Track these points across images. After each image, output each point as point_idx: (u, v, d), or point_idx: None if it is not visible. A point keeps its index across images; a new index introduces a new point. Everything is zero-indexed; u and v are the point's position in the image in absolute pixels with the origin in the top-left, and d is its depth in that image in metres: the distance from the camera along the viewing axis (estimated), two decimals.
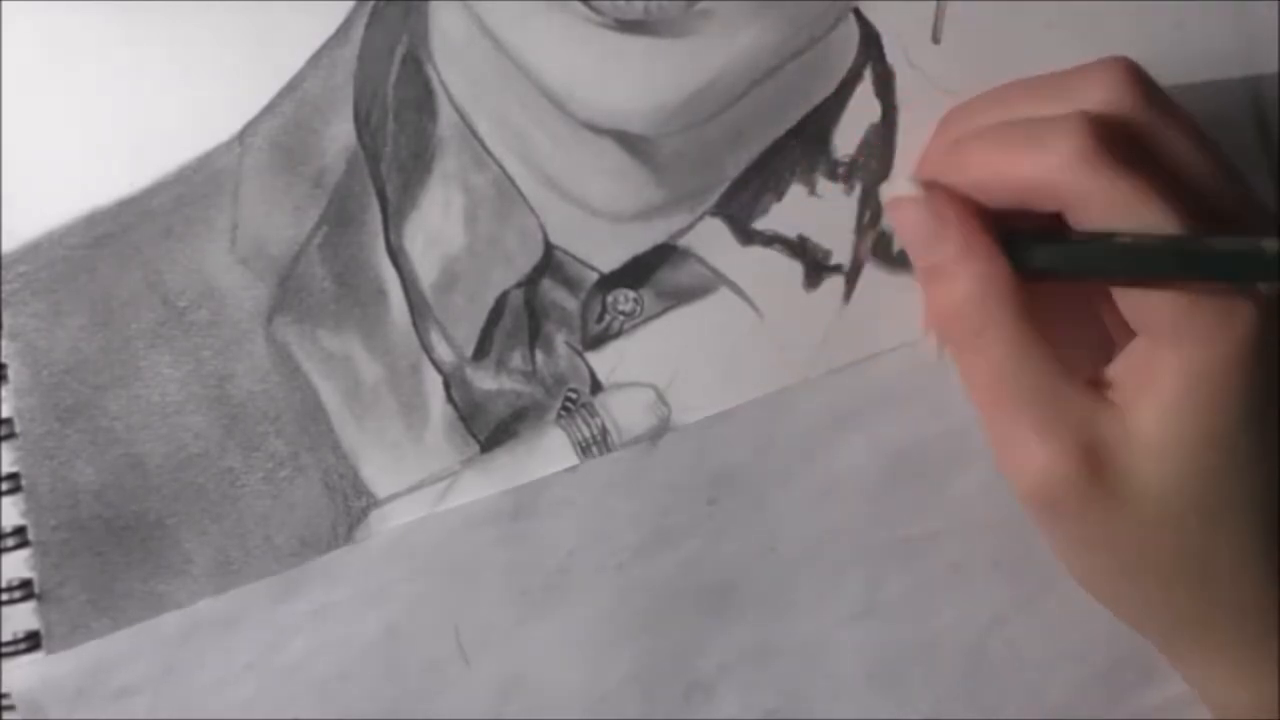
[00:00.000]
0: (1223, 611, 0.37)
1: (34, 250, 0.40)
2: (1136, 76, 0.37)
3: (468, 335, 0.43)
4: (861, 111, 0.44)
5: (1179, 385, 0.35)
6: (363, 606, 0.42)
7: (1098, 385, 0.37)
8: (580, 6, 0.41)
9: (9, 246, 0.40)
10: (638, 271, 0.43)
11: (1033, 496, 0.37)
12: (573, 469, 0.43)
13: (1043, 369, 0.36)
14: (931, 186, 0.38)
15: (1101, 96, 0.37)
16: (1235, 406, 0.35)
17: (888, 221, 0.42)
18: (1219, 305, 0.35)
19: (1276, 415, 0.36)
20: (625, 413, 0.43)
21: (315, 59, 0.42)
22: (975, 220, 0.37)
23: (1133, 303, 0.36)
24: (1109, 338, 0.40)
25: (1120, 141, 0.36)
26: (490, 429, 0.43)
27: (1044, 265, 0.37)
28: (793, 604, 0.43)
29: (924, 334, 0.42)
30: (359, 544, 0.42)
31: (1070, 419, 0.36)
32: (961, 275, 0.37)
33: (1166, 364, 0.35)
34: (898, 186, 0.39)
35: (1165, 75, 0.39)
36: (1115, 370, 0.37)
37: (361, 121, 0.42)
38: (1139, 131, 0.37)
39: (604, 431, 0.43)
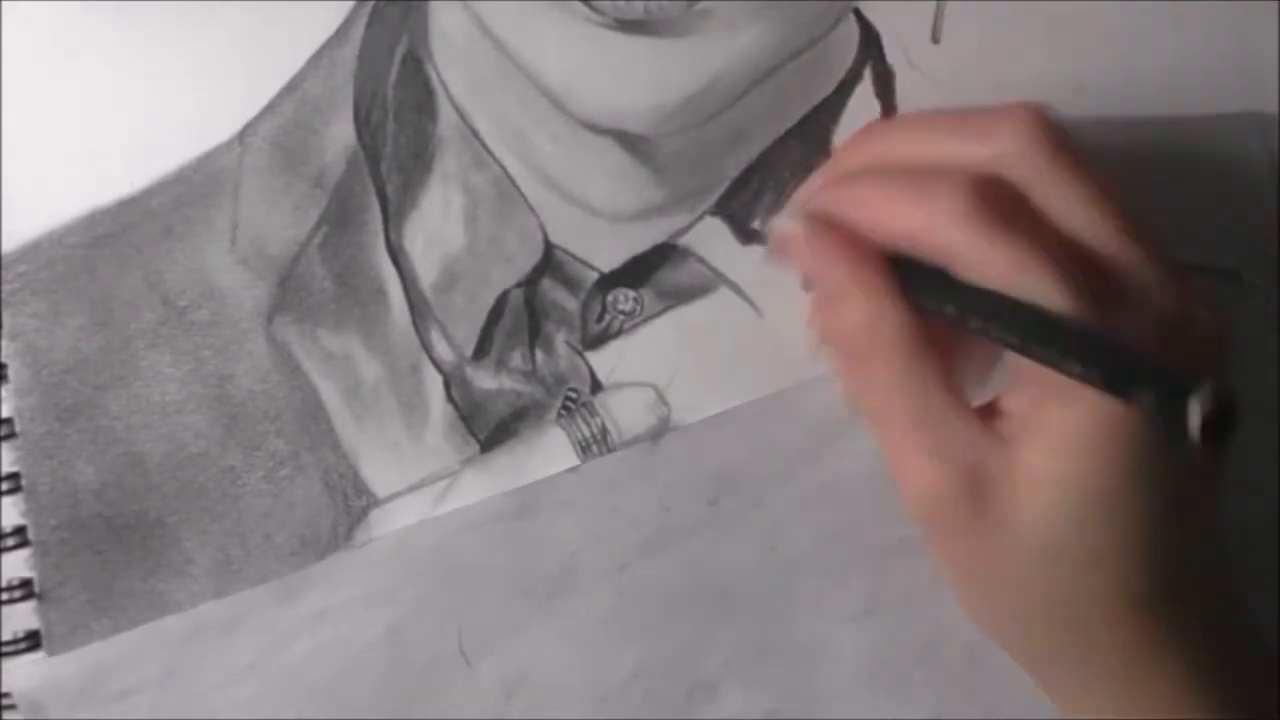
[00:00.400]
0: (1092, 650, 0.37)
1: (34, 250, 0.41)
2: (1043, 125, 0.36)
3: (468, 335, 0.43)
4: (861, 111, 0.44)
5: (1066, 434, 0.35)
6: (364, 608, 0.42)
7: (989, 414, 0.37)
8: (580, 6, 0.41)
9: (9, 246, 0.40)
10: (638, 271, 0.43)
11: (917, 510, 0.37)
12: (574, 470, 0.43)
13: (930, 393, 0.36)
14: (815, 223, 0.38)
15: (1006, 144, 0.36)
16: (1120, 462, 0.35)
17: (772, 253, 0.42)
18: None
19: (1161, 475, 0.36)
20: (625, 412, 0.43)
21: (315, 59, 0.42)
22: (859, 254, 0.37)
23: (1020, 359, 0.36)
24: (997, 355, 0.39)
25: (1004, 203, 0.35)
26: (490, 428, 0.43)
27: (932, 303, 0.37)
28: (794, 604, 0.43)
29: (808, 332, 0.41)
30: (361, 546, 0.42)
31: (955, 441, 0.36)
32: (849, 305, 0.37)
33: (1055, 412, 0.35)
34: (782, 222, 0.39)
35: (1166, 73, 0.39)
36: (1005, 404, 0.37)
37: (361, 121, 0.42)
38: (1030, 191, 0.36)
39: (604, 431, 0.43)
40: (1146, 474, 0.35)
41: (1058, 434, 0.35)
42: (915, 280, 0.37)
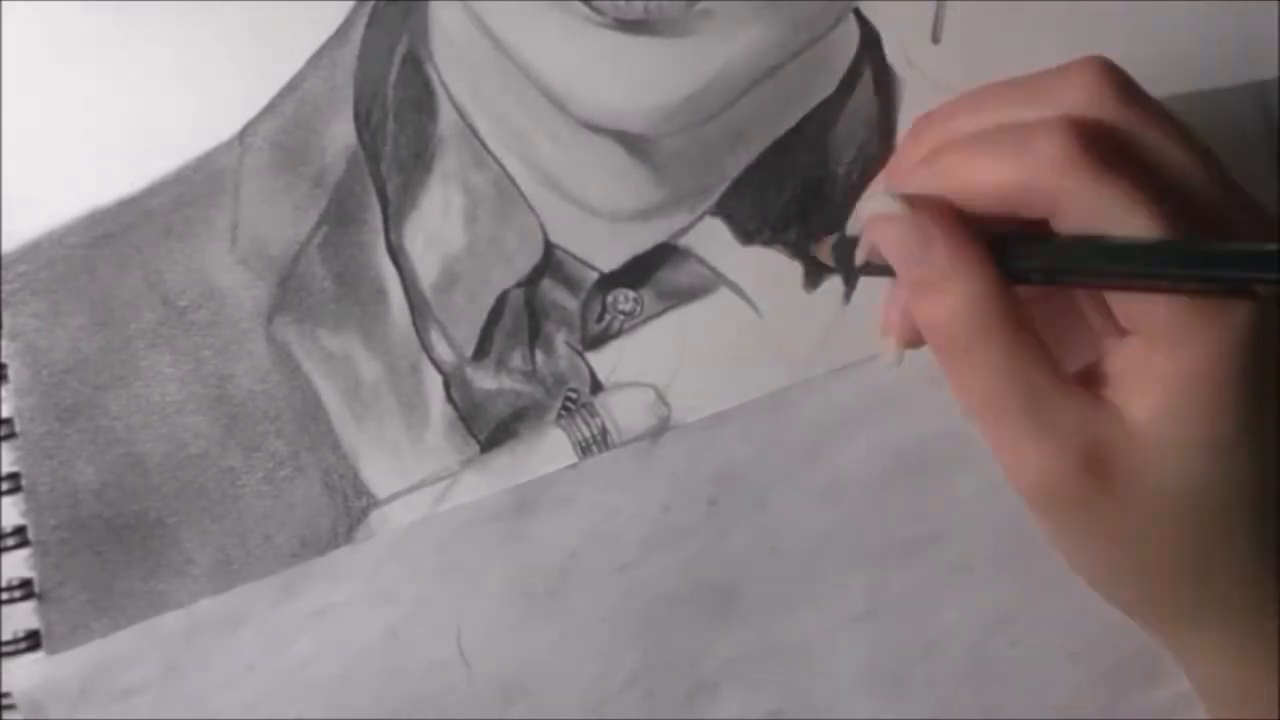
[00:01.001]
0: (1220, 605, 0.37)
1: (34, 250, 0.41)
2: (1114, 75, 0.36)
3: (468, 335, 0.43)
4: (861, 111, 0.44)
5: (1178, 387, 0.35)
6: (365, 607, 0.42)
7: (1092, 382, 0.36)
8: (580, 6, 0.41)
9: (9, 246, 0.40)
10: (638, 271, 0.43)
11: (1035, 498, 0.36)
12: (574, 467, 0.43)
13: (1038, 375, 0.36)
14: (914, 200, 0.36)
15: (1079, 97, 0.36)
16: (1234, 408, 0.35)
17: (861, 232, 0.40)
18: (1216, 306, 0.34)
19: (1275, 417, 0.36)
20: (625, 412, 0.43)
21: (315, 59, 0.42)
22: (962, 232, 0.36)
23: (1126, 304, 0.36)
24: (1093, 331, 0.39)
25: (1104, 144, 0.35)
26: (490, 429, 0.43)
27: (1035, 269, 0.36)
28: (795, 604, 0.43)
29: (883, 340, 0.40)
30: (361, 544, 0.42)
31: (1068, 422, 0.36)
32: (951, 289, 0.36)
33: (1164, 364, 0.35)
34: (876, 203, 0.37)
35: (1165, 74, 0.39)
36: (1111, 366, 0.36)
37: (361, 121, 0.42)
38: (1121, 132, 0.36)
39: (604, 431, 0.43)
40: (1259, 417, 0.35)
41: (1166, 389, 0.35)
42: (1015, 252, 0.36)
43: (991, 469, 0.38)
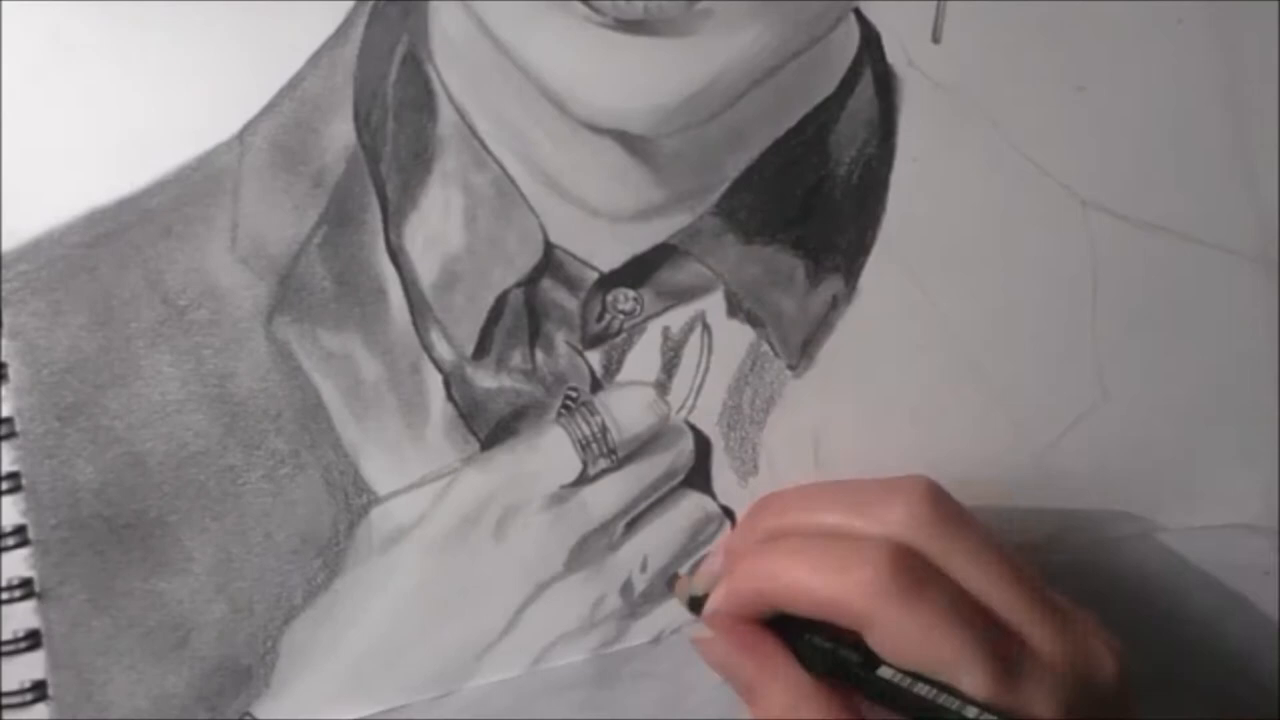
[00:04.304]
0: None
1: (34, 249, 0.40)
2: (936, 497, 0.40)
3: (468, 334, 0.43)
4: (861, 111, 0.44)
5: None
6: None
7: None
8: (580, 6, 0.40)
9: (9, 245, 0.40)
10: (638, 271, 0.43)
11: None
12: (655, 641, 0.43)
13: None
14: (720, 624, 0.40)
15: (900, 516, 0.39)
16: None
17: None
18: None
19: None
20: (625, 411, 0.43)
21: (315, 59, 0.42)
22: (766, 644, 0.40)
23: None
24: None
25: (916, 570, 0.38)
26: (490, 427, 0.43)
27: (848, 683, 0.39)
28: None
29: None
30: (434, 702, 0.42)
31: None
32: (768, 694, 0.39)
33: None
34: (695, 629, 0.41)
35: (1165, 76, 0.39)
36: None
37: (361, 121, 0.42)
38: (935, 555, 0.39)
39: (604, 430, 0.43)
40: None
41: None
42: (813, 653, 0.40)
43: None
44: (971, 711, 0.37)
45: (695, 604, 0.42)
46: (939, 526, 0.39)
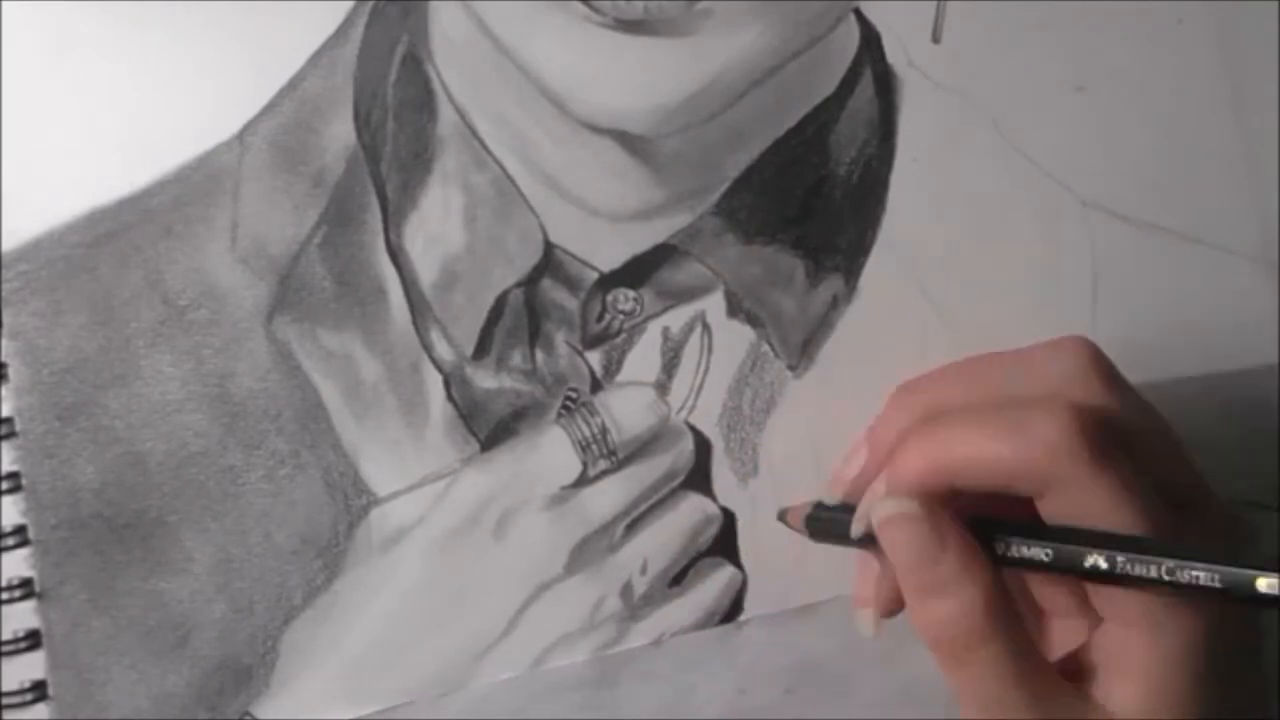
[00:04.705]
0: None
1: (34, 248, 0.41)
2: (1101, 358, 0.37)
3: (468, 334, 0.43)
4: (861, 111, 0.44)
5: (1156, 676, 0.35)
6: None
7: (1075, 675, 0.37)
8: (580, 6, 0.41)
9: (9, 245, 0.40)
10: (638, 271, 0.43)
11: None
12: (657, 643, 0.43)
13: (1036, 678, 0.36)
14: (928, 504, 0.36)
15: (1069, 376, 0.37)
16: (1208, 694, 0.35)
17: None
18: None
19: (1244, 698, 0.36)
20: (625, 412, 0.43)
21: (315, 59, 0.42)
22: (969, 536, 0.36)
23: (1104, 593, 0.36)
24: (1060, 614, 0.40)
25: (1099, 432, 0.35)
26: (490, 428, 0.43)
27: (1027, 563, 0.37)
28: None
29: (861, 612, 0.40)
30: (435, 703, 0.42)
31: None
32: (954, 594, 0.36)
33: (1141, 654, 0.35)
34: (891, 505, 0.37)
35: (1165, 76, 0.39)
36: (1091, 657, 0.37)
37: (361, 121, 0.42)
38: (1113, 420, 0.36)
39: (604, 430, 0.43)
40: (1226, 696, 0.36)
41: (1148, 676, 0.35)
42: (1009, 541, 0.36)
43: None
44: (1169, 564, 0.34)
45: (814, 522, 0.40)
46: (1108, 385, 0.37)
